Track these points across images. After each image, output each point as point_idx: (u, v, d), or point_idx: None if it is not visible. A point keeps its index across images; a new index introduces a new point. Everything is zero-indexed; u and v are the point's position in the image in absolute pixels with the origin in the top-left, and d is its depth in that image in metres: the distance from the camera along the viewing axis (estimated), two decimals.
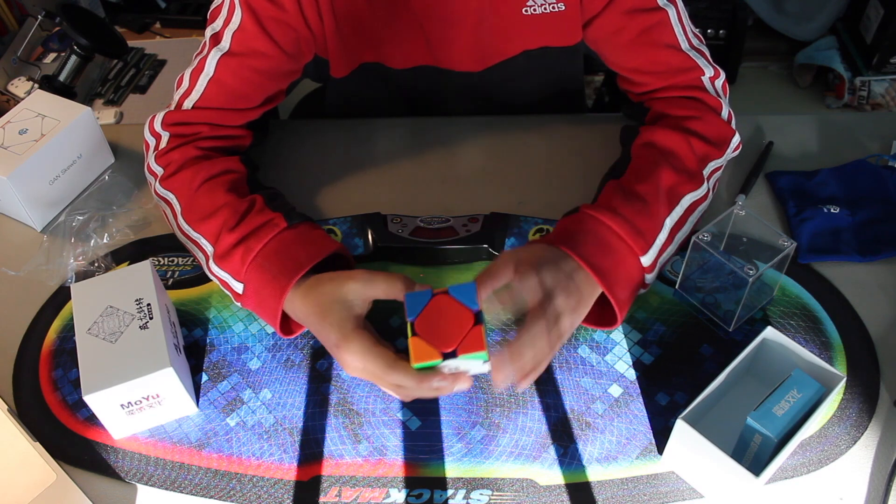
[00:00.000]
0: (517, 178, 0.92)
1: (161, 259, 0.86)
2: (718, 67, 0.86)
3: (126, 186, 0.94)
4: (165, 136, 0.83)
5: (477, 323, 0.62)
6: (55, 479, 0.67)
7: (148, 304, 0.71)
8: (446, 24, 0.87)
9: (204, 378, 0.76)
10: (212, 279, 0.77)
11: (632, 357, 0.76)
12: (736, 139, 0.84)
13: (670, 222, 0.75)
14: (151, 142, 0.85)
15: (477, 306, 0.62)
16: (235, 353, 0.77)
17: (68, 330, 0.80)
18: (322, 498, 0.68)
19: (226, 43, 0.81)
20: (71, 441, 0.72)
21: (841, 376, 0.66)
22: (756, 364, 0.71)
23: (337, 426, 0.72)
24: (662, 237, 0.74)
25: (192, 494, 0.68)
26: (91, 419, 0.73)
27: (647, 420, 0.71)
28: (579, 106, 1.06)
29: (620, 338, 0.77)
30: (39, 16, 1.82)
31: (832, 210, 0.85)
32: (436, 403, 0.73)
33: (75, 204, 0.92)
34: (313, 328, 0.69)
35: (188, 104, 0.83)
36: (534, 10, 0.86)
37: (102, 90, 1.88)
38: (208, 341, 0.78)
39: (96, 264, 0.85)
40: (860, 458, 0.68)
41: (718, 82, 0.85)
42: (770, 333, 0.69)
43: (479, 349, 0.61)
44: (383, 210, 0.87)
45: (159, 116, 0.84)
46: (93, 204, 0.92)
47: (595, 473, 0.68)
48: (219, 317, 0.80)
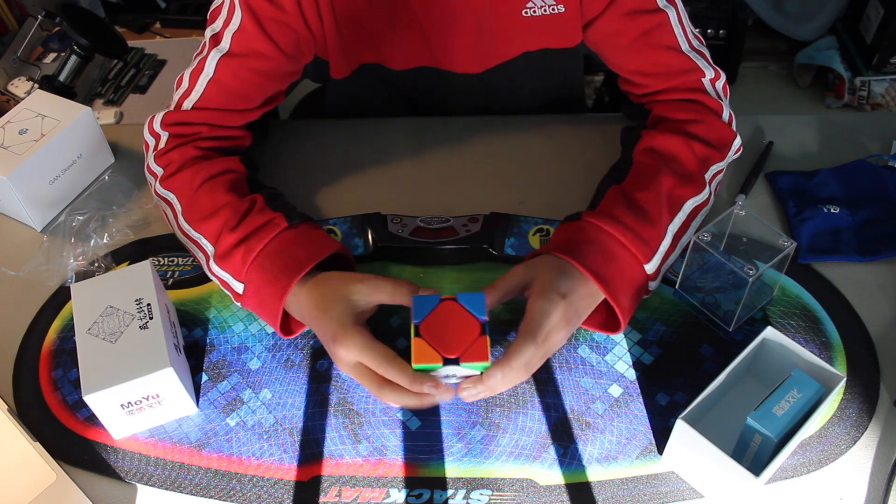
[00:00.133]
0: (517, 178, 0.92)
1: (161, 259, 0.86)
2: (719, 69, 0.86)
3: (126, 186, 0.94)
4: (165, 136, 0.83)
5: (483, 333, 0.62)
6: (55, 479, 0.67)
7: (148, 304, 0.71)
8: (446, 26, 0.87)
9: (204, 378, 0.76)
10: (212, 279, 0.77)
11: (632, 357, 0.76)
12: (737, 142, 0.84)
13: (673, 229, 0.75)
14: (151, 142, 0.85)
15: (485, 316, 0.63)
16: (235, 353, 0.77)
17: (68, 330, 0.80)
18: (322, 498, 0.68)
19: (226, 44, 0.81)
20: (71, 441, 0.72)
21: (841, 376, 0.66)
22: (756, 364, 0.71)
23: (337, 426, 0.72)
24: (666, 244, 0.74)
25: (192, 494, 0.68)
26: (91, 419, 0.73)
27: (647, 420, 0.71)
28: (579, 107, 1.06)
29: (620, 338, 0.77)
30: (39, 16, 1.82)
31: (832, 210, 0.85)
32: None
33: (75, 204, 0.92)
34: (314, 322, 0.68)
35: (188, 104, 0.83)
36: (534, 12, 0.86)
37: (102, 90, 1.88)
38: (208, 341, 0.78)
39: (96, 264, 0.85)
40: (860, 458, 0.68)
41: (719, 84, 0.85)
42: (770, 333, 0.69)
43: (483, 360, 0.61)
44: (383, 210, 0.88)
45: (159, 117, 0.84)
46: (93, 204, 0.92)
47: (595, 473, 0.68)
48: (219, 317, 0.80)
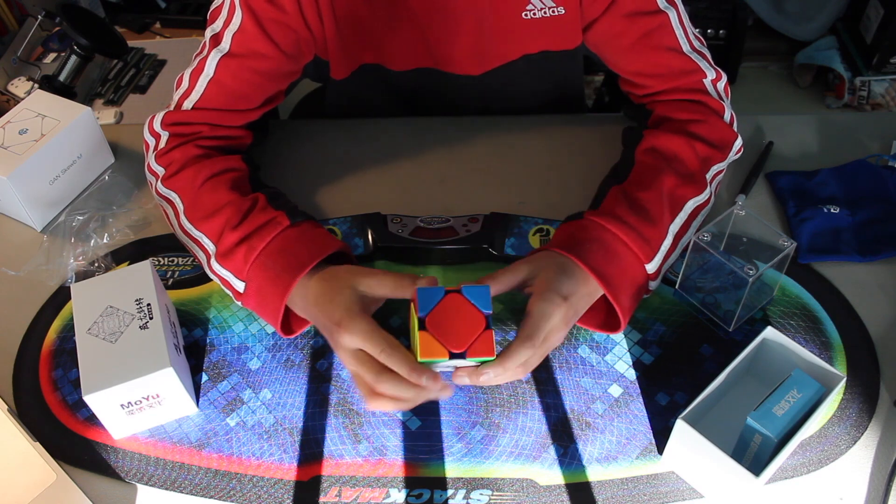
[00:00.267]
0: (517, 178, 0.92)
1: (161, 259, 0.86)
2: (720, 69, 0.86)
3: (126, 186, 0.94)
4: (165, 136, 0.83)
5: (488, 327, 0.62)
6: (55, 479, 0.67)
7: (148, 304, 0.71)
8: (446, 27, 0.87)
9: (204, 378, 0.76)
10: (212, 278, 0.77)
11: (632, 357, 0.76)
12: (738, 142, 0.84)
13: (674, 228, 0.75)
14: (151, 142, 0.85)
15: (490, 309, 0.63)
16: (235, 353, 0.77)
17: (68, 330, 0.80)
18: (322, 498, 0.68)
19: (226, 44, 0.81)
20: (71, 441, 0.72)
21: (841, 376, 0.66)
22: (756, 364, 0.71)
23: (337, 426, 0.72)
24: (667, 243, 0.74)
25: (192, 494, 0.68)
26: (91, 419, 0.73)
27: (647, 420, 0.71)
28: (579, 108, 1.06)
29: (620, 338, 0.77)
30: (39, 16, 1.82)
31: (832, 210, 0.85)
32: (436, 403, 0.73)
33: (75, 204, 0.92)
34: (320, 309, 0.68)
35: (188, 104, 0.83)
36: (534, 14, 0.86)
37: (102, 90, 1.88)
38: (208, 341, 0.78)
39: (96, 264, 0.85)
40: (860, 458, 0.68)
41: (720, 84, 0.85)
42: (770, 333, 0.69)
43: (489, 354, 0.61)
44: (383, 210, 0.88)
45: (159, 116, 0.84)
46: (93, 204, 0.92)
47: (595, 473, 0.68)
48: (219, 317, 0.80)
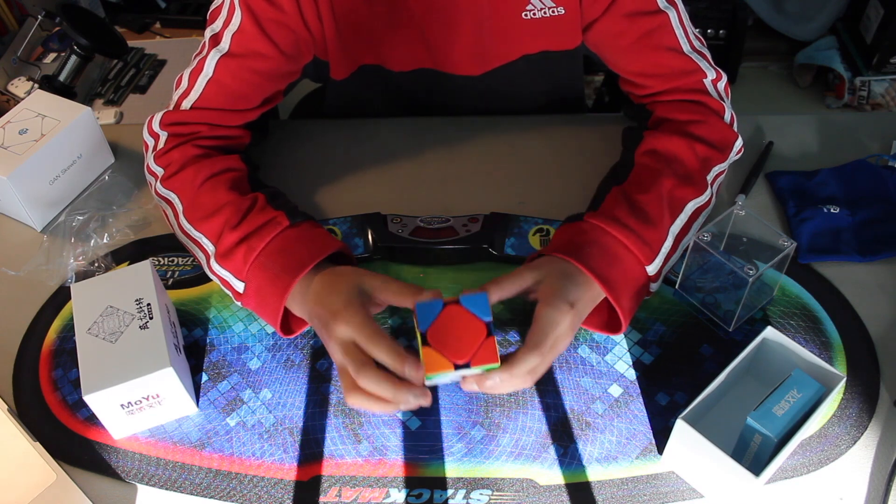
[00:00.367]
0: (517, 178, 0.92)
1: (161, 259, 0.86)
2: (720, 70, 0.86)
3: (126, 186, 0.94)
4: (164, 136, 0.83)
5: (490, 334, 0.62)
6: (55, 479, 0.67)
7: (148, 304, 0.71)
8: (446, 28, 0.87)
9: (204, 378, 0.76)
10: (212, 279, 0.77)
11: (632, 357, 0.76)
12: (739, 143, 0.84)
13: (675, 230, 0.75)
14: (150, 142, 0.85)
15: (489, 316, 0.63)
16: (235, 353, 0.77)
17: (68, 330, 0.80)
18: (322, 498, 0.68)
19: (225, 44, 0.81)
20: (71, 441, 0.72)
21: (841, 376, 0.66)
22: (756, 364, 0.71)
23: (337, 426, 0.72)
24: (667, 245, 0.74)
25: (192, 494, 0.68)
26: (91, 419, 0.73)
27: (647, 420, 0.71)
28: (579, 109, 1.06)
29: (620, 338, 0.77)
30: (39, 16, 1.82)
31: (832, 210, 0.85)
32: (436, 403, 0.73)
33: (75, 204, 0.92)
34: (320, 302, 0.67)
35: (187, 104, 0.83)
36: (533, 15, 0.85)
37: (102, 90, 1.88)
38: (208, 341, 0.78)
39: (96, 264, 0.85)
40: (860, 458, 0.68)
41: (721, 85, 0.85)
42: (770, 333, 0.69)
43: (493, 361, 0.62)
44: (383, 210, 0.87)
45: (158, 117, 0.84)
46: (93, 204, 0.92)
47: (595, 473, 0.68)
48: (219, 317, 0.80)
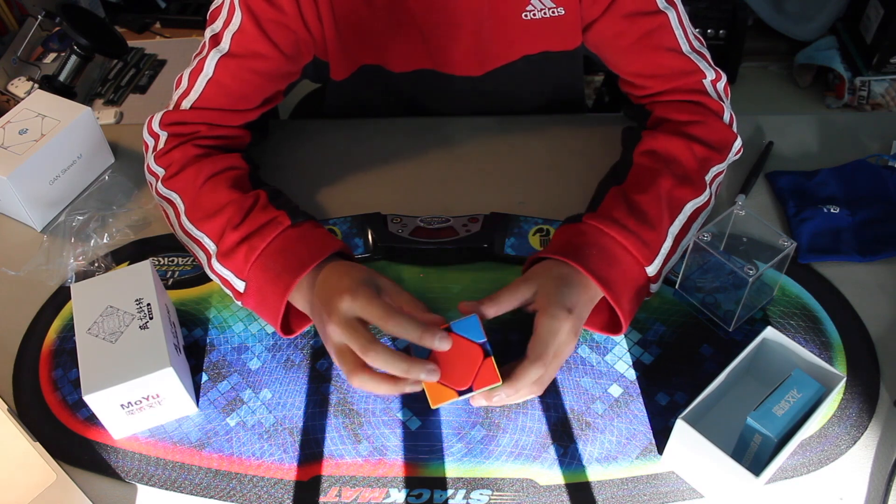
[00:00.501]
0: (517, 178, 0.92)
1: (161, 259, 0.86)
2: (720, 70, 0.86)
3: (126, 186, 0.94)
4: (164, 136, 0.83)
5: (487, 354, 0.63)
6: (55, 479, 0.67)
7: (148, 304, 0.71)
8: (446, 29, 0.87)
9: (204, 378, 0.76)
10: (212, 278, 0.77)
11: (632, 357, 0.76)
12: (738, 143, 0.84)
13: (674, 231, 0.75)
14: (150, 142, 0.85)
15: (482, 338, 0.64)
16: (235, 353, 0.77)
17: (68, 330, 0.80)
18: (322, 498, 0.68)
19: (225, 44, 0.81)
20: (71, 441, 0.72)
21: (841, 376, 0.66)
22: (756, 364, 0.71)
23: (337, 426, 0.72)
24: (667, 246, 0.74)
25: (192, 494, 0.68)
26: (91, 419, 0.73)
27: (647, 420, 0.71)
28: (579, 109, 1.06)
29: (620, 338, 0.77)
30: (39, 16, 1.82)
31: (832, 210, 0.85)
32: None
33: (75, 204, 0.92)
34: (328, 285, 0.67)
35: (186, 104, 0.83)
36: (533, 15, 0.85)
37: (102, 90, 1.88)
38: (208, 341, 0.78)
39: (96, 264, 0.85)
40: (860, 458, 0.68)
41: (720, 85, 0.85)
42: (770, 333, 0.69)
43: (494, 381, 0.63)
44: (383, 210, 0.87)
45: (157, 117, 0.84)
46: (93, 204, 0.92)
47: (595, 473, 0.68)
48: (219, 317, 0.80)
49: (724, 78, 0.86)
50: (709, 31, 2.08)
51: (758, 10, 2.17)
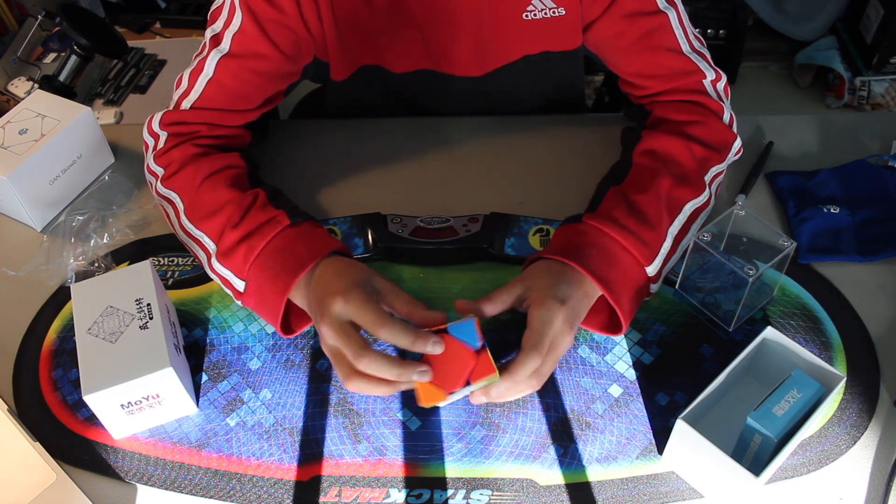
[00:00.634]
0: (517, 178, 0.92)
1: (161, 259, 0.86)
2: (720, 70, 0.86)
3: (126, 186, 0.94)
4: (163, 136, 0.83)
5: (482, 350, 0.64)
6: (55, 479, 0.67)
7: (148, 304, 0.71)
8: (446, 29, 0.87)
9: (204, 378, 0.76)
10: (212, 278, 0.77)
11: (632, 357, 0.76)
12: (737, 143, 0.84)
13: (674, 231, 0.75)
14: (150, 142, 0.85)
15: (478, 343, 0.64)
16: (235, 353, 0.77)
17: (68, 330, 0.80)
18: (322, 498, 0.68)
19: (226, 44, 0.81)
20: (71, 441, 0.72)
21: (841, 376, 0.66)
22: (756, 364, 0.71)
23: (337, 426, 0.72)
24: (667, 246, 0.74)
25: (192, 494, 0.68)
26: (91, 419, 0.73)
27: (647, 420, 0.71)
28: (579, 109, 1.06)
29: (620, 338, 0.77)
30: (39, 16, 1.82)
31: (832, 210, 0.85)
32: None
33: (75, 204, 0.92)
34: (324, 283, 0.67)
35: (186, 104, 0.83)
36: (534, 15, 0.85)
37: (102, 90, 1.88)
38: (208, 341, 0.78)
39: (96, 264, 0.85)
40: (860, 458, 0.68)
41: (720, 85, 0.85)
42: (770, 333, 0.69)
43: (491, 373, 0.63)
44: (383, 210, 0.88)
45: (157, 117, 0.84)
46: (93, 204, 0.92)
47: (595, 473, 0.68)
48: (219, 317, 0.80)
49: (724, 78, 0.86)
50: (709, 31, 2.08)
51: (758, 10, 2.17)
